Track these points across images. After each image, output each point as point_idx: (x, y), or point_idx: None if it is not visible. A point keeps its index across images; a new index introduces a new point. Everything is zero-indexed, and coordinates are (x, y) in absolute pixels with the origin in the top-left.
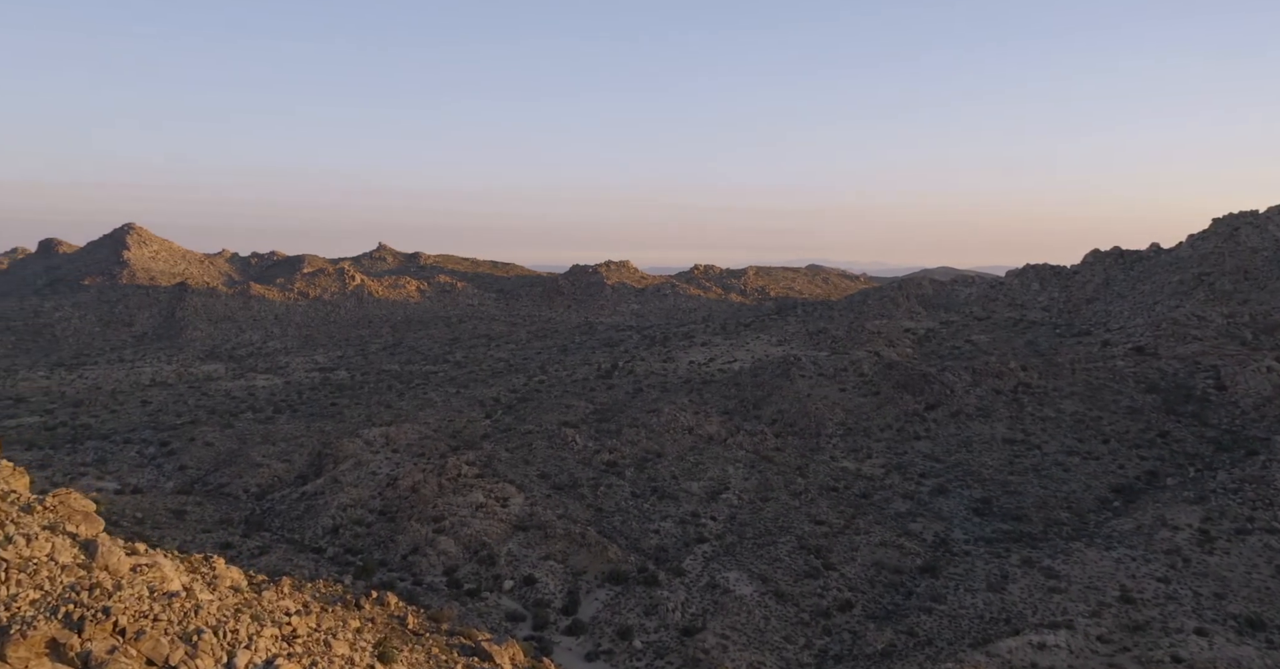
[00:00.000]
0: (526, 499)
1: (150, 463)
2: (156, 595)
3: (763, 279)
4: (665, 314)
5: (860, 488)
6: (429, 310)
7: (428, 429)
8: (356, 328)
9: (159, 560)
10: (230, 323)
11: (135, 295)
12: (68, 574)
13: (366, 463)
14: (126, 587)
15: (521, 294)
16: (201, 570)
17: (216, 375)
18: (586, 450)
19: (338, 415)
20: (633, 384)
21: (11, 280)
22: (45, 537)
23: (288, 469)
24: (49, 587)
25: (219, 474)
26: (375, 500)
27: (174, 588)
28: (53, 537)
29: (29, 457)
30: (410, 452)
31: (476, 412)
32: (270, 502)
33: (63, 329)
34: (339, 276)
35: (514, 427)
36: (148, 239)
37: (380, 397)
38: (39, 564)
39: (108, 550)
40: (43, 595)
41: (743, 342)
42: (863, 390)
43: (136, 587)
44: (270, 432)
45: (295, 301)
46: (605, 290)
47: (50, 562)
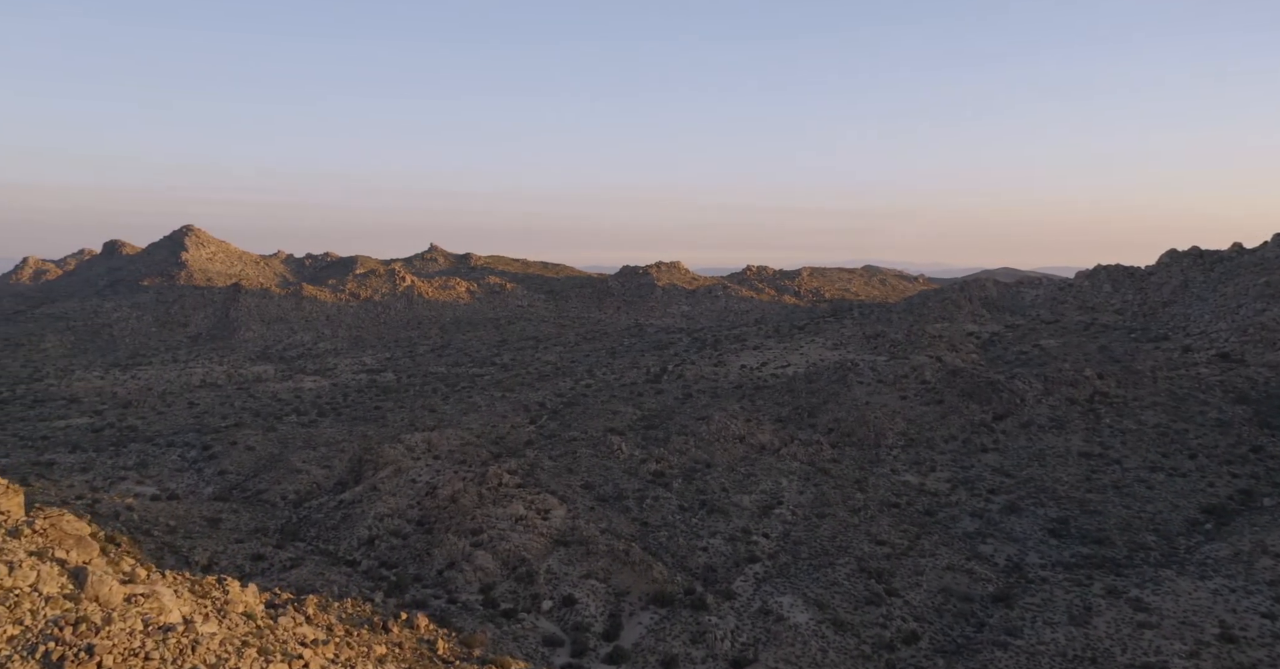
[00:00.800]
0: (569, 511)
1: (191, 467)
2: (151, 630)
3: (817, 280)
4: (716, 316)
5: (924, 504)
6: (478, 311)
7: (470, 435)
8: (406, 329)
9: (158, 589)
10: (283, 324)
11: (191, 296)
12: (52, 607)
13: (406, 470)
14: (117, 620)
15: (571, 295)
16: (212, 594)
17: (265, 376)
18: (633, 459)
19: (381, 419)
20: (682, 389)
21: (76, 281)
22: (30, 564)
23: (327, 475)
24: (30, 621)
25: (258, 480)
26: (413, 510)
27: (172, 620)
28: (39, 564)
29: (72, 460)
30: (451, 458)
31: (521, 417)
32: (307, 509)
33: (120, 329)
34: (389, 277)
35: (558, 433)
36: (205, 240)
37: (425, 400)
38: (21, 595)
39: (98, 579)
40: (22, 632)
41: (796, 345)
42: (925, 398)
43: (129, 620)
44: (312, 436)
45: (346, 302)
46: (655, 292)
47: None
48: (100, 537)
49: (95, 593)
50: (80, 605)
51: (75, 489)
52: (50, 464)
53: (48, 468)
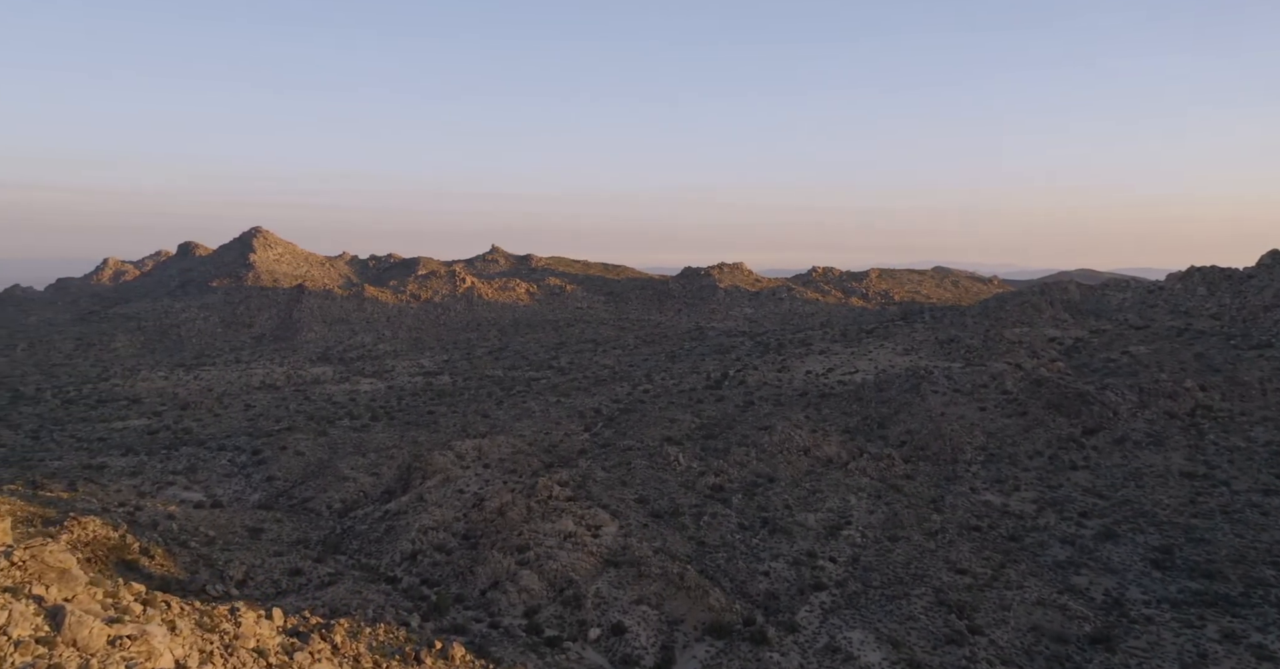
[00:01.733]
0: (621, 528)
1: (240, 472)
2: None
3: (886, 282)
4: (780, 319)
5: (1008, 528)
6: (537, 313)
7: (522, 442)
8: (465, 331)
9: (149, 629)
10: (344, 325)
11: (256, 297)
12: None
13: (455, 479)
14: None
15: (631, 297)
16: (221, 628)
17: (323, 378)
18: (690, 472)
19: (433, 424)
20: (743, 396)
21: (150, 282)
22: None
23: (374, 483)
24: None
25: (304, 487)
26: (459, 523)
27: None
28: (12, 602)
29: (123, 463)
30: (502, 468)
31: (575, 423)
32: (352, 520)
33: (187, 330)
34: (450, 279)
35: (613, 442)
36: (273, 242)
37: (479, 405)
38: None
39: (77, 620)
40: None
41: (865, 350)
42: (1006, 410)
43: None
44: (362, 441)
45: (407, 304)
46: (717, 293)
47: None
48: (135, 549)
49: (73, 636)
50: (55, 651)
51: (121, 494)
52: (101, 467)
53: (98, 471)
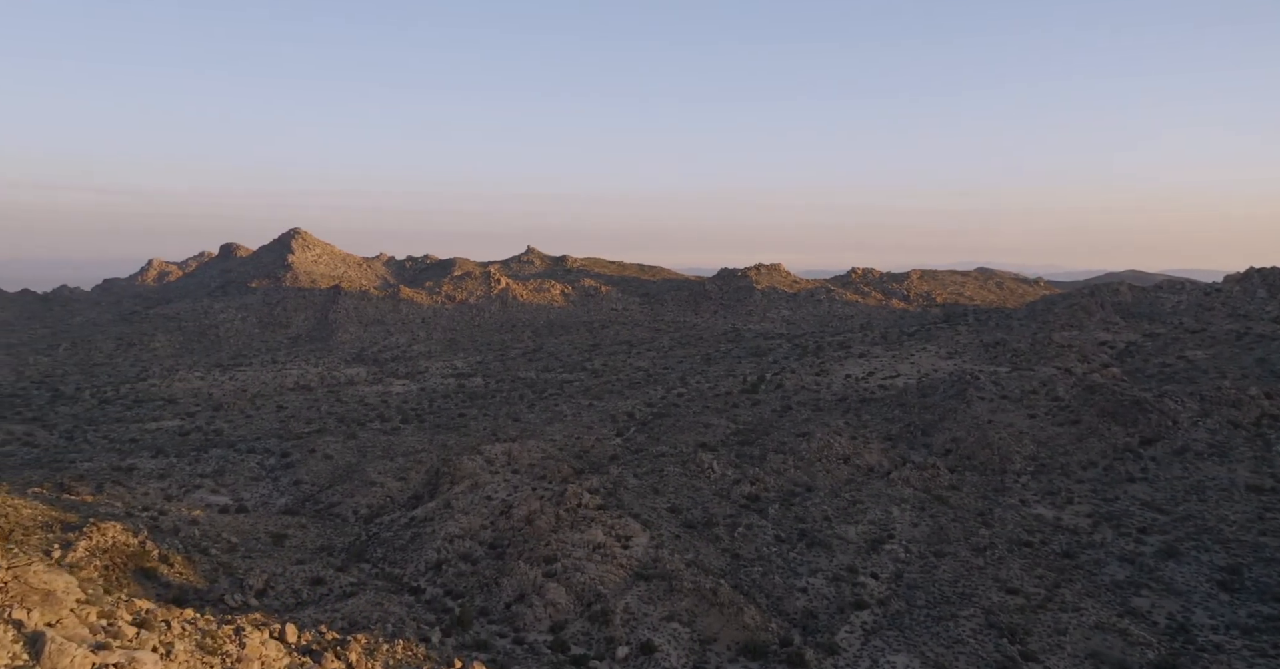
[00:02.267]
0: (652, 539)
1: (268, 475)
2: None
3: (927, 283)
4: (819, 321)
5: (1061, 544)
6: (572, 315)
7: (553, 447)
8: (499, 332)
9: (137, 655)
10: (380, 325)
11: (293, 297)
12: None
13: (483, 485)
14: None
15: (667, 298)
16: (224, 650)
17: (357, 380)
18: (725, 480)
19: (464, 427)
20: (780, 400)
21: (193, 283)
22: None
23: (402, 488)
24: None
25: (331, 492)
26: (486, 531)
27: None
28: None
29: (152, 465)
30: (531, 473)
31: (607, 428)
32: (378, 526)
33: (225, 330)
34: (485, 280)
35: (646, 447)
36: (311, 243)
37: (510, 408)
38: None
39: (58, 648)
40: None
41: (906, 353)
42: (1058, 418)
43: None
44: (392, 444)
45: (442, 305)
46: (754, 295)
47: None
48: (154, 556)
49: (53, 664)
50: None
51: (148, 498)
52: (130, 470)
53: (127, 474)
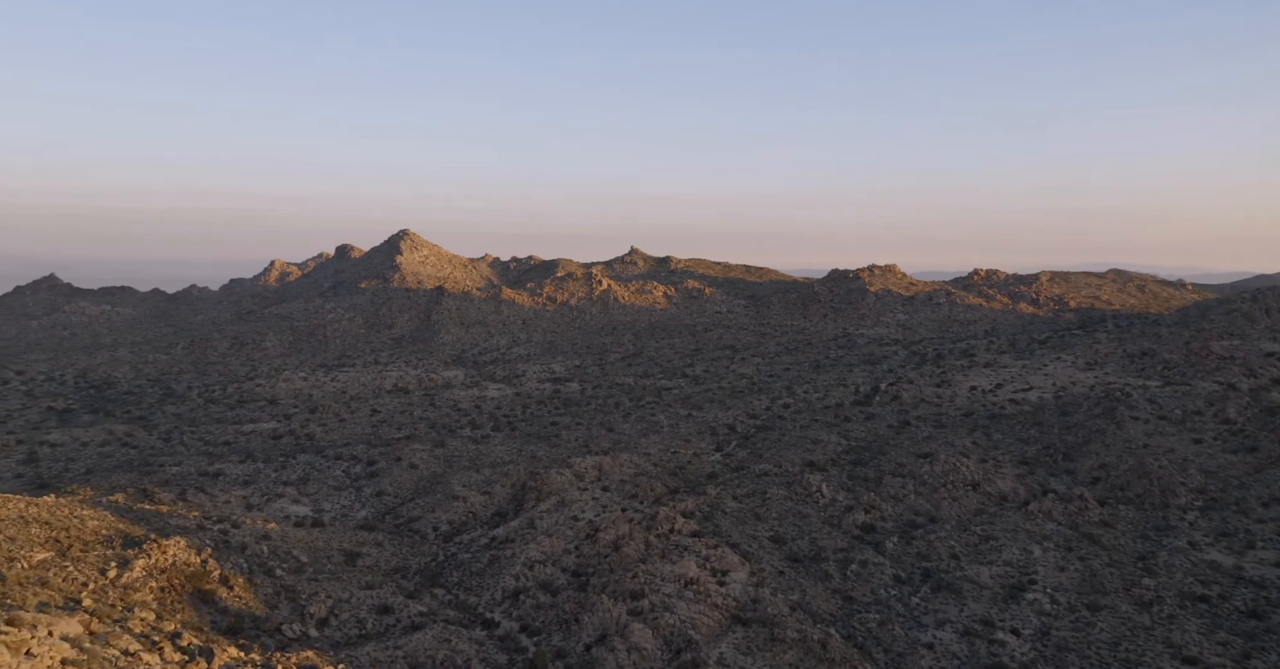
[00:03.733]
0: (752, 575)
1: (351, 484)
2: None
3: (1059, 286)
4: (938, 326)
5: (1245, 600)
6: (674, 317)
7: (647, 462)
8: (599, 335)
9: None
10: (481, 327)
11: (398, 298)
12: None
13: (570, 503)
14: None
15: (774, 301)
16: None
17: (453, 383)
18: (835, 506)
19: (555, 437)
20: (897, 414)
21: (307, 283)
22: None
23: (485, 503)
24: None
25: (412, 505)
26: (570, 556)
27: None
28: None
29: (239, 470)
30: (622, 491)
31: (706, 441)
32: (457, 546)
33: (333, 330)
34: (587, 281)
35: (747, 465)
36: (419, 244)
37: (604, 417)
38: None
39: None
40: None
41: (1039, 363)
42: (1229, 443)
43: None
44: (480, 454)
45: (543, 307)
46: (867, 298)
47: None
48: (214, 577)
49: None
50: None
51: (228, 507)
52: (217, 475)
53: (213, 479)
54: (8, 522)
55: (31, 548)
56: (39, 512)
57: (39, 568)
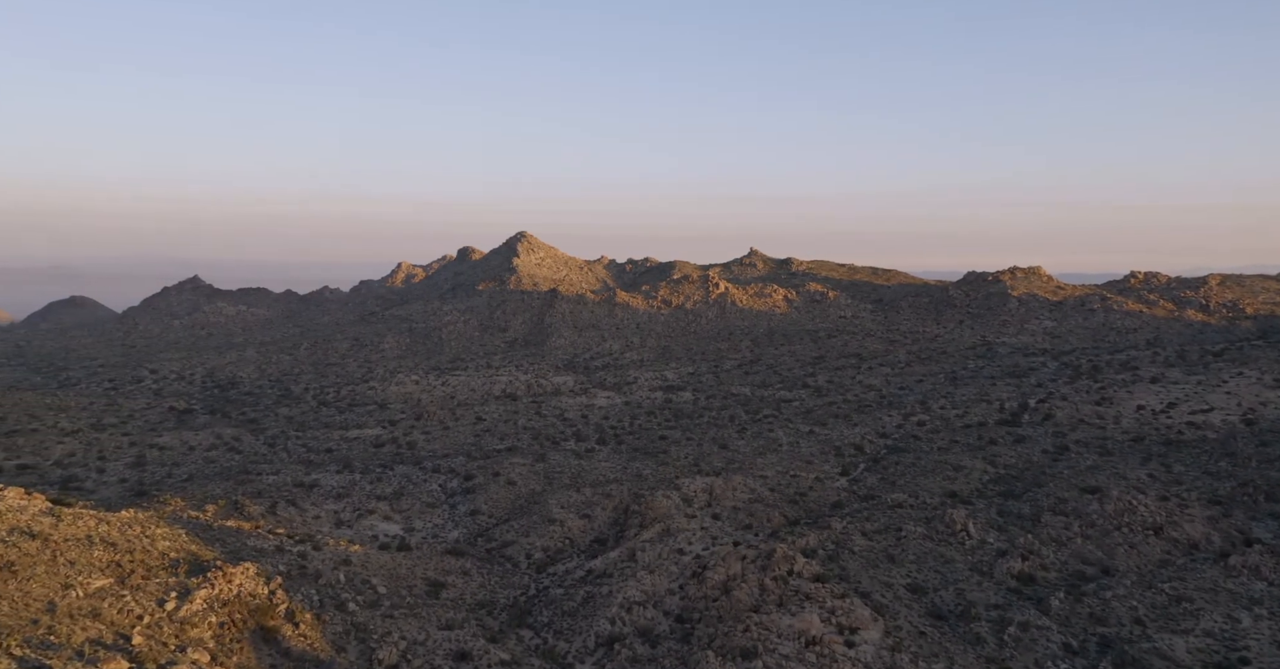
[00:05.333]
0: (887, 634)
1: (446, 501)
2: None
3: (1231, 290)
4: (1091, 335)
5: None
6: (795, 322)
7: (763, 487)
8: (715, 340)
9: None
10: (594, 331)
11: (512, 301)
12: None
13: (676, 532)
14: None
15: (903, 306)
16: None
17: (563, 389)
18: (985, 549)
19: (663, 453)
20: (1052, 437)
21: (429, 285)
22: None
23: (584, 528)
24: None
25: (507, 527)
26: (673, 598)
27: None
28: None
29: (335, 482)
30: (734, 519)
31: (830, 463)
32: (550, 578)
33: (448, 333)
34: (703, 284)
35: (878, 493)
36: (535, 246)
37: (718, 431)
38: None
39: None
40: None
41: (1216, 379)
42: None
43: None
44: (582, 470)
45: (658, 310)
46: (1009, 302)
47: None
48: (280, 612)
49: None
50: None
51: (317, 523)
52: (312, 486)
53: (307, 491)
54: (72, 543)
55: (91, 574)
56: (108, 530)
57: (94, 597)
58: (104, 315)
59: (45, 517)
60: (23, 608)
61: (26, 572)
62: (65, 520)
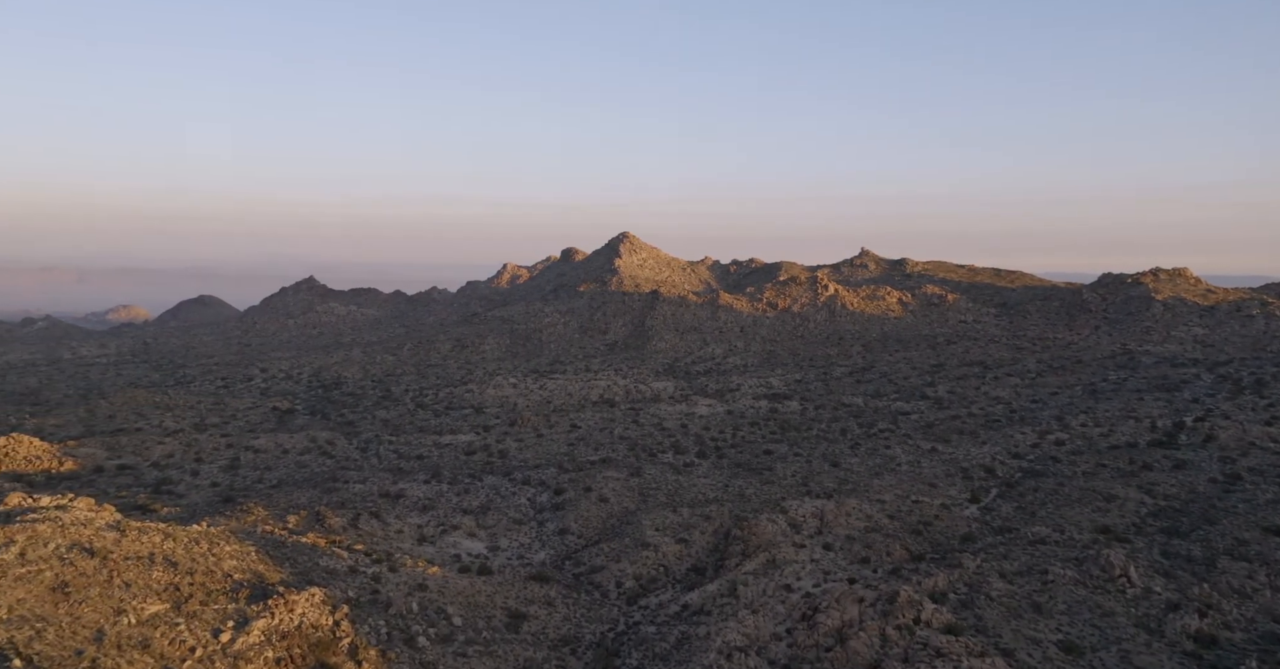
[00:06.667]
0: None
1: (534, 517)
2: None
3: None
4: (1250, 344)
5: None
6: (910, 327)
7: (881, 512)
8: (824, 345)
9: None
10: (696, 334)
11: (613, 303)
12: None
13: (783, 564)
14: None
15: (1030, 310)
16: None
17: (662, 395)
18: (1151, 600)
19: (768, 470)
20: (1217, 462)
21: (531, 286)
22: None
23: (681, 554)
24: None
25: (597, 550)
26: (779, 644)
27: None
28: None
29: (421, 492)
30: (848, 551)
31: (957, 487)
32: (641, 612)
33: (548, 335)
34: (811, 285)
35: (1015, 526)
36: (637, 247)
37: (828, 446)
38: None
39: None
40: None
41: None
42: None
43: None
44: (680, 487)
45: (763, 313)
46: (1153, 307)
47: None
48: (343, 647)
49: None
50: None
51: (399, 538)
52: (398, 497)
53: (392, 502)
54: (132, 562)
55: (146, 597)
56: (173, 548)
57: (147, 624)
58: (228, 314)
59: (109, 531)
60: (69, 636)
61: (80, 594)
62: (129, 536)
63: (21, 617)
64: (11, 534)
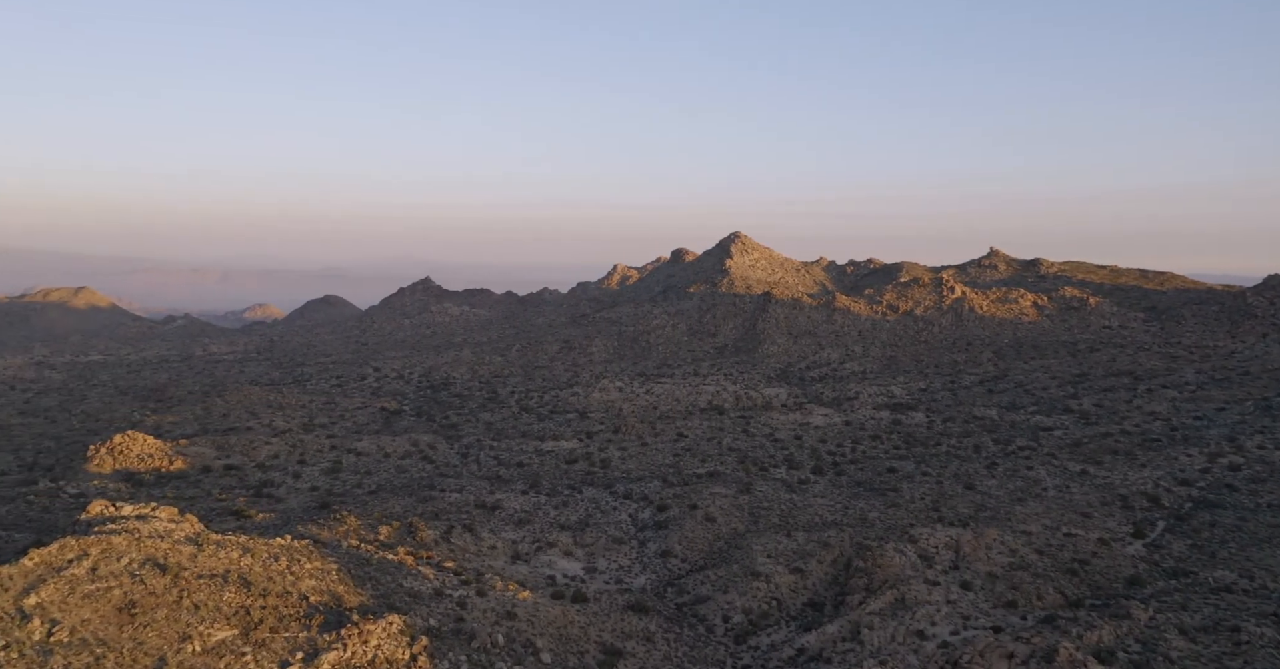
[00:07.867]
0: None
1: (635, 535)
2: None
3: None
4: None
5: None
6: (1047, 332)
7: (1027, 547)
8: (950, 351)
9: None
10: (810, 338)
11: (723, 305)
12: None
13: (914, 605)
14: None
15: (1185, 315)
16: None
17: (774, 403)
18: None
19: (893, 491)
20: None
21: (640, 287)
22: None
23: (795, 586)
24: None
25: (702, 577)
26: None
27: None
28: None
29: (518, 504)
30: (991, 592)
31: (1115, 519)
32: (751, 653)
33: (656, 337)
34: (935, 287)
35: (1192, 568)
36: (750, 247)
37: (961, 464)
38: None
39: None
40: None
41: None
42: None
43: None
44: (794, 507)
45: (883, 316)
46: None
47: None
48: None
49: None
50: None
51: (493, 555)
52: (494, 508)
53: (488, 513)
54: (204, 580)
55: (214, 622)
56: (250, 565)
57: (211, 653)
58: (350, 313)
59: (186, 545)
60: (129, 664)
61: (146, 616)
62: (206, 551)
63: (83, 640)
64: (86, 546)
